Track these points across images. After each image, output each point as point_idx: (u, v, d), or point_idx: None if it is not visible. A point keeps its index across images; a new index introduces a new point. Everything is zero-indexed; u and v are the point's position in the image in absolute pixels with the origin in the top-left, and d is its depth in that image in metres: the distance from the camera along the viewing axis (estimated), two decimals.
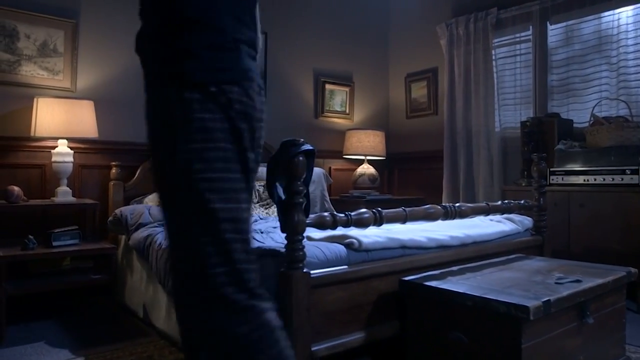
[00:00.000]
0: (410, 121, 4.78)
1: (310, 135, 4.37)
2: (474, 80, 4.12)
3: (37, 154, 3.08)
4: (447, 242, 2.12)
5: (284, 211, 1.57)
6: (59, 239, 2.69)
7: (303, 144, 1.58)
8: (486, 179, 4.03)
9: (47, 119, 2.84)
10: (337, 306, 1.72)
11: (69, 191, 2.98)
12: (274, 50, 4.12)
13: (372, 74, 4.84)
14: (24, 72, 3.04)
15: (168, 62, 0.93)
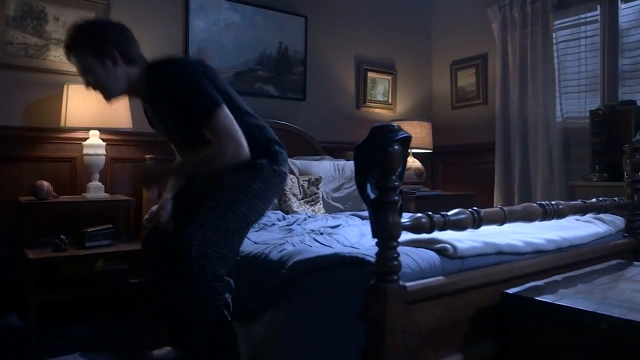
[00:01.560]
0: (456, 112, 4.46)
1: (351, 127, 4.08)
2: (531, 67, 3.77)
3: (67, 146, 2.85)
4: (544, 247, 1.82)
5: (376, 212, 1.28)
6: (93, 239, 2.45)
7: (399, 129, 1.29)
8: (545, 173, 3.69)
9: (78, 108, 2.59)
10: (431, 325, 1.43)
11: (101, 186, 2.74)
12: (314, 35, 3.83)
13: (415, 61, 4.53)
14: (52, 58, 2.80)
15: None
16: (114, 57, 1.67)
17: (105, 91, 1.73)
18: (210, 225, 1.61)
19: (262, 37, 3.55)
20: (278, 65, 3.63)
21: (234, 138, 1.61)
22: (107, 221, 2.78)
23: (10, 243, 2.62)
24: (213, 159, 1.62)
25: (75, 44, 1.67)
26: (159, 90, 1.67)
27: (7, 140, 2.67)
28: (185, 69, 1.67)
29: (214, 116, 1.60)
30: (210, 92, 1.62)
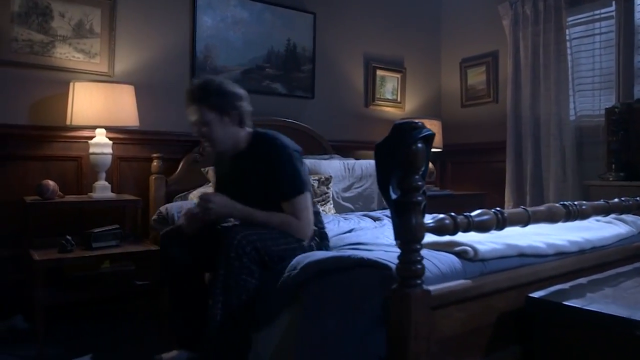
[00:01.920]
0: (466, 110, 4.39)
1: (360, 126, 4.03)
2: (544, 64, 3.70)
3: (73, 145, 2.79)
4: (567, 249, 1.75)
5: (399, 213, 1.22)
6: (99, 239, 2.40)
7: (423, 127, 1.23)
8: (558, 173, 3.62)
9: (84, 106, 2.54)
10: (454, 330, 1.37)
11: (107, 186, 2.68)
12: (322, 33, 3.77)
13: (424, 59, 4.46)
14: (58, 55, 2.74)
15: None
16: (233, 118, 1.90)
17: (214, 144, 1.93)
18: (257, 232, 1.74)
19: (270, 34, 3.49)
20: (286, 62, 3.57)
21: (309, 221, 1.86)
22: (114, 221, 2.72)
23: (16, 243, 2.58)
24: (288, 226, 1.82)
25: (205, 98, 1.87)
26: (262, 156, 1.89)
27: (12, 139, 2.63)
28: (289, 149, 1.89)
29: (301, 197, 1.84)
30: (305, 177, 1.90)
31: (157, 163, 2.91)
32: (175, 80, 3.13)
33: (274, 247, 1.76)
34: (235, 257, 1.65)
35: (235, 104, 1.91)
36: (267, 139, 1.93)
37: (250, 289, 1.67)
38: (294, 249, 1.83)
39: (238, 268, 1.65)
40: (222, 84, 1.92)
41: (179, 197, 2.93)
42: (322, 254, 1.61)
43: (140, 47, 3.01)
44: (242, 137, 1.96)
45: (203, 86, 1.90)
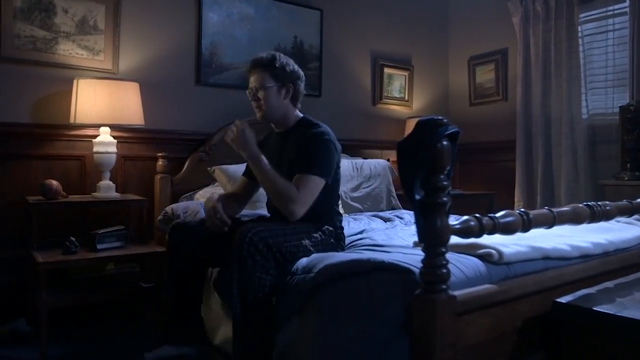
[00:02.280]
0: (475, 108, 4.32)
1: (367, 125, 3.96)
2: (555, 62, 3.64)
3: (76, 143, 2.73)
4: (591, 251, 1.69)
5: (423, 214, 1.15)
6: (104, 241, 2.34)
7: (448, 123, 1.16)
8: (569, 172, 3.55)
9: (88, 104, 2.48)
10: (479, 338, 1.30)
11: (112, 186, 2.62)
12: (329, 29, 3.70)
13: (431, 57, 4.39)
14: (61, 51, 2.68)
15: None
16: (289, 91, 1.97)
17: (265, 112, 1.96)
18: (269, 228, 1.71)
19: (276, 31, 3.42)
20: (293, 60, 3.48)
21: (306, 201, 1.81)
22: (118, 222, 2.66)
23: (18, 244, 2.52)
24: (285, 194, 1.79)
25: (271, 66, 1.94)
26: (303, 137, 1.92)
27: (14, 138, 2.57)
28: (329, 138, 1.92)
29: (313, 177, 1.83)
30: (330, 165, 1.89)
31: (162, 162, 2.85)
32: (180, 78, 3.07)
33: (286, 243, 1.72)
34: (248, 255, 1.61)
35: (295, 81, 1.99)
36: (313, 124, 1.97)
37: (267, 286, 1.63)
38: (305, 246, 1.79)
39: (252, 266, 1.61)
40: (289, 60, 2.01)
41: (185, 197, 2.87)
42: (339, 256, 1.55)
43: (145, 43, 2.94)
44: (291, 114, 2.02)
45: (272, 56, 1.97)
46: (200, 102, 3.14)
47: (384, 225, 2.56)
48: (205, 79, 3.13)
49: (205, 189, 2.90)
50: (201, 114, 3.13)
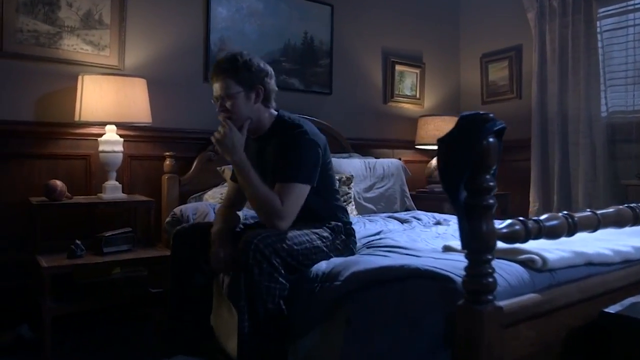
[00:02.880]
0: (487, 107, 4.20)
1: (378, 123, 3.86)
2: (572, 58, 3.53)
3: (81, 142, 2.63)
4: (632, 255, 1.58)
5: (467, 217, 1.05)
6: (111, 244, 2.24)
7: (495, 119, 1.06)
8: (588, 172, 3.44)
9: (94, 100, 2.38)
10: (523, 351, 1.20)
11: (118, 186, 2.52)
12: (340, 26, 3.60)
13: (443, 53, 4.28)
14: (65, 47, 2.58)
15: None
16: (259, 94, 1.79)
17: (237, 119, 1.78)
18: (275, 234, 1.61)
19: (286, 26, 3.32)
20: (303, 56, 3.40)
21: (290, 213, 1.66)
22: (124, 224, 2.57)
23: (21, 247, 2.41)
24: (268, 204, 1.65)
25: (233, 70, 1.75)
26: (281, 141, 1.77)
27: (17, 136, 2.46)
28: (309, 137, 1.76)
29: (295, 185, 1.68)
30: (313, 166, 1.74)
31: (170, 162, 2.75)
32: (188, 74, 2.96)
33: (297, 246, 1.63)
34: (254, 263, 1.51)
35: (263, 80, 1.79)
36: (290, 125, 1.80)
37: (276, 296, 1.52)
38: (318, 247, 1.70)
39: (258, 275, 1.50)
40: (251, 58, 1.79)
41: (193, 197, 2.77)
42: (366, 261, 1.45)
43: (152, 39, 2.84)
44: (265, 117, 1.85)
45: (232, 59, 1.77)
46: (208, 99, 3.00)
47: (401, 227, 2.46)
48: None
49: (214, 189, 2.80)
50: (209, 112, 2.99)
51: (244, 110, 1.77)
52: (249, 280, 1.49)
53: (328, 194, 1.88)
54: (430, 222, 2.55)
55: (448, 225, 2.34)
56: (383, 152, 3.80)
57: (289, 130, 1.77)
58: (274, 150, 1.79)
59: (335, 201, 1.92)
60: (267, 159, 1.83)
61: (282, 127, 1.81)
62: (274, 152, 1.79)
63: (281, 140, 1.77)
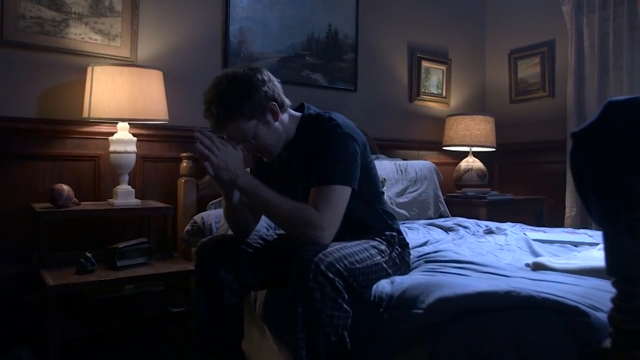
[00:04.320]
0: (516, 106, 3.97)
1: (403, 123, 3.61)
2: (614, 53, 3.29)
3: (90, 141, 2.37)
4: None
5: (630, 235, 0.80)
6: (125, 256, 1.98)
7: None
8: None
9: (105, 95, 2.12)
10: None
11: (131, 191, 2.26)
12: (365, 18, 3.35)
13: (468, 50, 4.04)
14: (72, 36, 2.32)
15: None
16: (274, 111, 1.48)
17: (271, 151, 1.53)
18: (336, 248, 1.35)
19: (309, 18, 3.07)
20: (327, 50, 3.15)
21: (332, 220, 1.37)
22: (137, 233, 2.32)
23: (23, 260, 2.15)
24: (299, 216, 1.36)
25: (232, 112, 1.43)
26: (312, 141, 1.48)
27: (18, 135, 2.20)
28: (344, 134, 1.46)
29: (333, 187, 1.39)
30: (353, 166, 1.46)
31: (187, 163, 2.49)
32: (205, 68, 2.70)
33: (359, 264, 1.37)
34: (316, 287, 1.25)
35: (266, 93, 1.46)
36: (320, 120, 1.52)
37: (340, 326, 1.26)
38: (379, 264, 1.45)
39: (320, 301, 1.24)
40: (235, 80, 1.44)
41: (213, 203, 2.51)
42: (452, 283, 1.19)
43: (167, 28, 2.59)
44: (289, 124, 1.56)
45: (219, 99, 1.43)
46: None
47: (448, 236, 2.20)
48: None
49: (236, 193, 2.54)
50: None
51: (271, 136, 1.49)
52: (308, 308, 1.23)
53: (374, 199, 1.63)
54: (479, 230, 2.30)
55: (505, 235, 2.08)
56: (409, 154, 3.55)
57: (318, 126, 1.50)
58: (306, 154, 1.51)
59: (383, 206, 1.66)
60: (298, 166, 1.57)
61: (311, 126, 1.53)
62: (305, 157, 1.52)
63: (312, 140, 1.50)
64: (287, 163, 1.59)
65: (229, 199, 1.53)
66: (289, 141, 1.56)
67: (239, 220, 1.60)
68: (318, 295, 1.23)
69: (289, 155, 1.58)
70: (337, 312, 1.25)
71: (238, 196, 1.54)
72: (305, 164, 1.51)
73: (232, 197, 1.52)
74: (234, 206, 1.55)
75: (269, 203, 1.38)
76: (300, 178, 1.54)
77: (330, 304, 1.24)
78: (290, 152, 1.57)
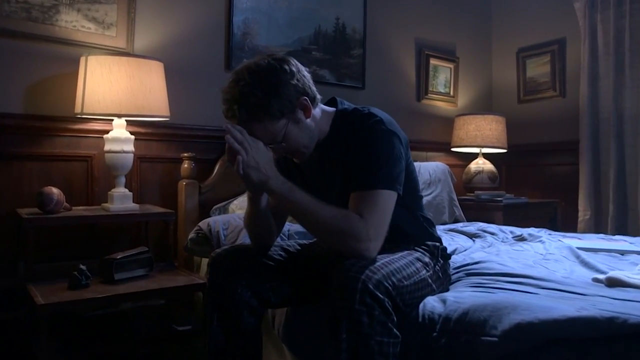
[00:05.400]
0: (525, 106, 3.83)
1: (411, 123, 3.43)
2: (630, 51, 3.17)
3: (83, 140, 2.15)
4: None
5: None
6: (124, 268, 1.76)
7: None
8: None
9: (101, 88, 1.90)
10: None
11: (128, 195, 2.05)
12: (373, 12, 3.18)
13: (476, 47, 3.90)
14: (63, 23, 2.11)
15: None
16: (306, 107, 1.28)
17: (303, 152, 1.35)
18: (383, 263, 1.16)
19: (316, 10, 2.89)
20: (334, 45, 2.97)
21: (378, 229, 1.19)
22: (134, 241, 2.11)
23: (7, 272, 1.93)
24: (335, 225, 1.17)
25: (259, 110, 1.22)
26: (352, 138, 1.29)
27: (3, 133, 1.98)
28: (389, 131, 1.29)
29: (379, 192, 1.22)
30: (399, 168, 1.28)
31: (188, 164, 2.28)
32: (207, 62, 2.51)
33: (406, 280, 1.19)
34: (364, 309, 1.06)
35: (295, 87, 1.25)
36: (358, 115, 1.33)
37: (390, 354, 1.08)
38: (425, 279, 1.28)
39: (368, 326, 1.06)
40: (258, 75, 1.22)
41: (217, 208, 2.32)
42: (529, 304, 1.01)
43: (167, 18, 2.38)
44: (323, 120, 1.36)
45: (242, 98, 1.21)
46: None
47: (475, 244, 2.04)
48: (237, 64, 2.55)
49: (240, 198, 2.35)
50: None
51: (303, 135, 1.30)
52: (355, 334, 1.05)
53: (414, 204, 1.45)
54: (507, 237, 2.14)
55: (542, 242, 1.92)
56: (417, 155, 3.39)
57: (358, 123, 1.31)
58: (342, 154, 1.33)
59: (423, 212, 1.49)
60: (332, 169, 1.39)
61: (348, 123, 1.34)
62: (342, 158, 1.33)
63: (350, 137, 1.31)
64: (318, 165, 1.41)
65: (255, 203, 1.34)
66: (322, 140, 1.37)
67: (262, 228, 1.41)
68: (366, 320, 1.05)
69: (321, 156, 1.39)
70: (387, 337, 1.06)
71: (265, 201, 1.35)
72: (342, 165, 1.32)
73: (260, 201, 1.33)
74: (260, 212, 1.35)
75: (305, 209, 1.19)
76: (334, 182, 1.35)
77: (380, 329, 1.06)
78: (322, 152, 1.38)
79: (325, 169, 1.40)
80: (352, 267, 1.11)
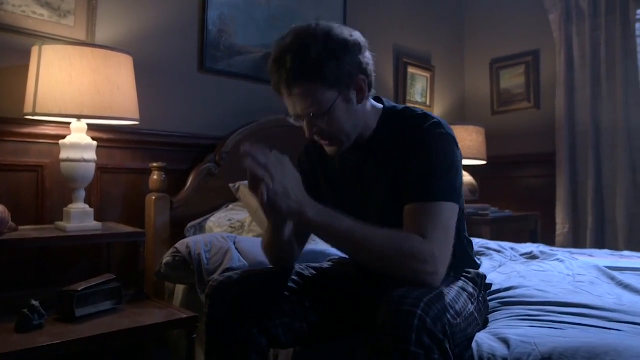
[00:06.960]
0: (498, 117, 3.78)
1: None
2: (607, 63, 3.17)
3: (32, 147, 1.81)
4: None
5: None
6: (87, 302, 1.45)
7: None
8: (628, 190, 3.08)
9: (58, 85, 1.58)
10: None
11: (89, 211, 1.73)
12: (353, 15, 3.01)
13: (450, 57, 3.82)
14: (10, 8, 1.77)
15: None
16: (361, 88, 1.10)
17: (341, 140, 1.13)
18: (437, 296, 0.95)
19: (296, 9, 2.67)
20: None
21: (444, 249, 1.01)
22: (95, 267, 1.78)
23: None
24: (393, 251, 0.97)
25: (310, 70, 1.04)
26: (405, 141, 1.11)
27: None
28: (448, 136, 1.11)
29: (442, 205, 1.03)
30: (459, 183, 1.10)
31: (158, 176, 1.98)
32: (179, 61, 2.23)
33: (459, 317, 1.00)
34: (421, 353, 0.86)
35: (360, 63, 1.08)
36: (410, 116, 1.15)
37: None
38: (472, 313, 1.10)
39: None
40: (326, 34, 1.05)
41: (192, 226, 2.03)
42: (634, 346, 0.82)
43: (133, 8, 2.08)
44: (372, 116, 1.17)
45: (300, 49, 1.03)
46: (205, 94, 2.31)
47: (484, 263, 1.86)
48: (212, 64, 2.31)
49: (218, 214, 2.08)
50: (208, 111, 2.30)
51: (347, 121, 1.10)
52: None
53: (460, 222, 1.24)
54: (515, 254, 1.98)
55: (560, 261, 1.76)
56: None
57: (412, 123, 1.12)
58: (394, 156, 1.14)
59: (465, 232, 1.29)
60: (377, 173, 1.17)
61: (399, 122, 1.15)
62: (392, 160, 1.14)
63: (403, 139, 1.12)
64: (357, 167, 1.19)
65: (279, 233, 1.09)
66: (366, 138, 1.16)
67: (285, 254, 1.17)
68: None
69: (363, 157, 1.17)
70: None
71: (290, 229, 1.11)
72: (391, 170, 1.12)
73: (284, 231, 1.09)
74: (283, 242, 1.11)
75: (352, 237, 0.97)
76: (376, 190, 1.15)
77: None
78: (365, 152, 1.17)
79: (367, 173, 1.18)
80: (406, 298, 0.89)
